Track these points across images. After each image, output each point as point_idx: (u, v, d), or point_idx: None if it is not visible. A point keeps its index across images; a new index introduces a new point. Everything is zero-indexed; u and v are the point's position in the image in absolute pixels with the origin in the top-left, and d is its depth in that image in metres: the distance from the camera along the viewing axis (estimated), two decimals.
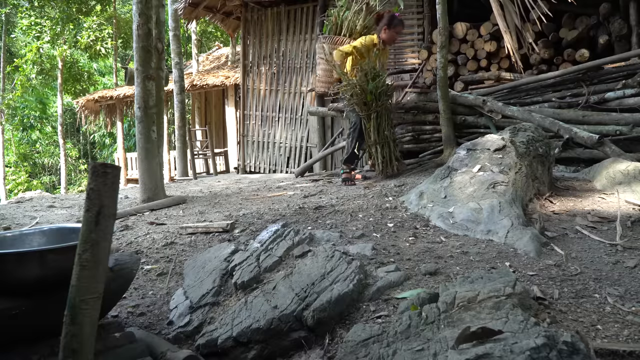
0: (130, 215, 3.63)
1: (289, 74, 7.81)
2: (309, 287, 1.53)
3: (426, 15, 6.72)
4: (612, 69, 4.86)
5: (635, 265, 1.66)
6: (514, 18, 4.62)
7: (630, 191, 2.61)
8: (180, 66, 8.96)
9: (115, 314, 1.81)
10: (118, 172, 1.12)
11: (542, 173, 2.78)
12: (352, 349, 1.25)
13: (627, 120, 4.14)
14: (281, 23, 7.85)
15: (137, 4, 4.13)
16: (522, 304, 1.25)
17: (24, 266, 1.30)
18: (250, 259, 1.85)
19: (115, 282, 1.50)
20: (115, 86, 13.82)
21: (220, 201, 3.96)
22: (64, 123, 15.34)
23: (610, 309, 1.35)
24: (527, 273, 1.64)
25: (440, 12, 4.87)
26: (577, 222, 2.25)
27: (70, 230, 1.62)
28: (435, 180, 2.70)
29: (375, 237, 2.14)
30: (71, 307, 1.06)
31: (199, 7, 8.30)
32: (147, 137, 4.11)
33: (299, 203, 3.24)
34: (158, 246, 2.62)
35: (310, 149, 7.54)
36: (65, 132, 16.27)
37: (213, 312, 1.68)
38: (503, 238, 2.02)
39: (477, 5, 6.34)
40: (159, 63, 4.57)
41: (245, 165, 8.30)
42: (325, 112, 6.17)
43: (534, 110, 4.52)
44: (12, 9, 15.33)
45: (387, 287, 1.54)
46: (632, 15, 5.68)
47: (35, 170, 18.79)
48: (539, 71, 6.07)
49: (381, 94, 4.22)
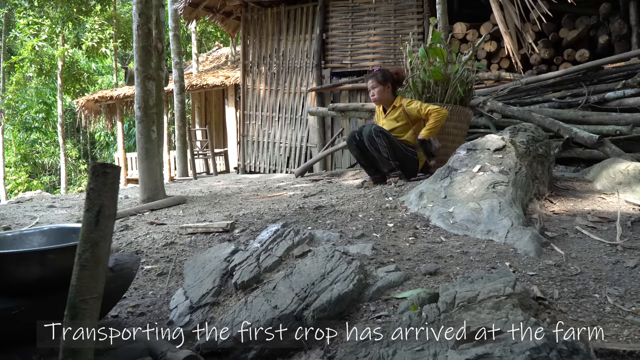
0: (130, 215, 3.63)
1: (288, 74, 7.81)
2: (309, 287, 1.53)
3: (426, 15, 6.72)
4: (612, 69, 4.87)
5: (635, 265, 1.66)
6: (514, 18, 4.62)
7: (630, 191, 2.62)
8: (180, 66, 8.96)
9: (115, 314, 1.81)
10: (118, 172, 1.12)
11: (542, 173, 2.78)
12: (352, 349, 1.25)
13: (627, 120, 4.14)
14: (281, 23, 7.85)
15: (137, 4, 4.13)
16: (522, 304, 1.25)
17: (24, 266, 1.30)
18: (250, 259, 1.85)
19: (115, 282, 1.50)
20: (115, 86, 13.83)
21: (220, 201, 3.96)
22: (64, 123, 15.34)
23: (610, 309, 1.35)
24: (527, 273, 1.64)
25: (440, 12, 4.87)
26: (577, 222, 2.25)
27: (70, 230, 1.62)
28: (435, 180, 2.70)
29: (375, 237, 2.14)
30: (71, 307, 1.06)
31: (199, 7, 8.30)
32: (147, 137, 4.11)
33: (299, 203, 3.24)
34: (158, 246, 2.62)
35: (310, 149, 7.54)
36: (65, 132, 16.27)
37: (213, 312, 1.68)
38: (503, 238, 2.02)
39: (477, 5, 6.35)
40: (159, 63, 4.58)
41: (245, 165, 8.30)
42: (325, 112, 6.18)
43: (534, 110, 4.52)
44: (11, 10, 15.32)
45: (387, 287, 1.54)
46: (632, 15, 5.69)
47: (35, 170, 18.79)
48: (539, 71, 6.07)
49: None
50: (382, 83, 3.86)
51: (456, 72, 4.01)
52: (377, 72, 3.94)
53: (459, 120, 4.03)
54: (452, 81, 4.02)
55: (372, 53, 7.21)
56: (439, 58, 4.06)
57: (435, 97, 4.10)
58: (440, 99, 4.07)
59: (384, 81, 3.86)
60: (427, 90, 4.16)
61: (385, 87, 3.87)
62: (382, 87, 3.87)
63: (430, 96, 4.14)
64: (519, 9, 4.62)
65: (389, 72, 3.95)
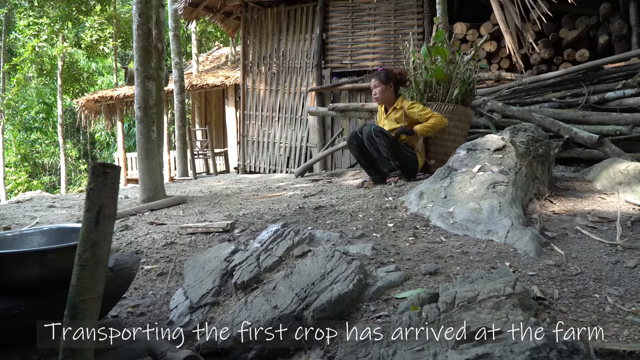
0: (130, 215, 3.63)
1: (288, 74, 7.81)
2: (309, 287, 1.53)
3: (426, 15, 6.72)
4: (612, 69, 4.86)
5: (635, 265, 1.66)
6: (514, 18, 4.63)
7: (630, 191, 2.62)
8: (180, 66, 8.95)
9: (115, 314, 1.81)
10: (118, 172, 1.12)
11: (542, 173, 2.78)
12: (352, 349, 1.25)
13: (627, 120, 4.14)
14: (281, 23, 7.85)
15: (137, 4, 4.13)
16: (522, 304, 1.25)
17: (24, 266, 1.30)
18: (250, 259, 1.85)
19: (115, 282, 1.50)
20: (115, 86, 13.83)
21: (220, 201, 3.96)
22: (64, 123, 15.34)
23: (610, 309, 1.35)
24: (527, 273, 1.64)
25: (440, 12, 4.87)
26: (577, 222, 2.25)
27: (70, 230, 1.62)
28: (435, 180, 2.70)
29: (375, 237, 2.14)
30: (71, 307, 1.06)
31: (199, 7, 8.30)
32: (147, 137, 4.11)
33: (299, 203, 3.24)
34: (158, 246, 2.62)
35: (310, 149, 7.54)
36: (65, 132, 16.27)
37: (213, 312, 1.68)
38: (503, 238, 2.02)
39: (477, 5, 6.35)
40: (159, 63, 4.58)
41: (245, 165, 8.30)
42: (325, 112, 6.17)
43: (534, 110, 4.52)
44: (11, 10, 15.33)
45: (387, 287, 1.54)
46: (632, 15, 5.69)
47: (35, 170, 18.78)
48: (539, 71, 6.07)
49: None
50: (385, 83, 3.86)
51: (458, 72, 4.01)
52: (380, 72, 3.93)
53: (459, 120, 4.03)
54: (454, 81, 4.02)
55: (372, 53, 7.21)
56: (441, 57, 4.05)
57: (437, 96, 4.10)
58: (441, 99, 4.07)
59: (386, 81, 3.86)
60: (429, 89, 4.16)
61: (387, 86, 3.86)
62: (385, 86, 3.86)
63: (432, 95, 4.13)
64: (519, 8, 4.63)
65: (392, 72, 3.94)
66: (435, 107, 3.95)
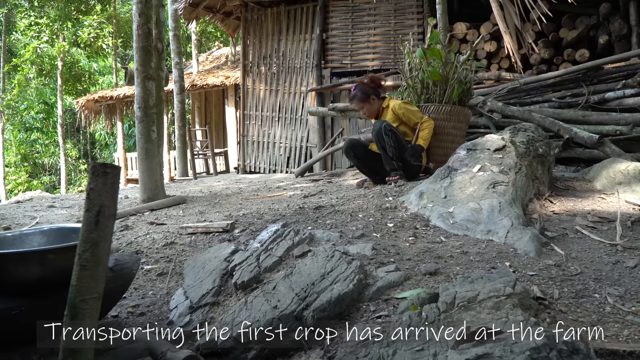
0: (130, 215, 3.63)
1: (288, 74, 7.81)
2: (309, 287, 1.53)
3: (426, 15, 6.72)
4: (612, 69, 4.86)
5: (635, 265, 1.66)
6: (514, 18, 4.63)
7: (630, 191, 2.61)
8: (180, 66, 8.95)
9: (115, 314, 1.81)
10: (118, 172, 1.12)
11: (542, 173, 2.78)
12: (352, 349, 1.25)
13: (627, 120, 4.14)
14: (281, 23, 7.85)
15: (137, 4, 4.13)
16: (522, 304, 1.25)
17: (24, 266, 1.30)
18: (250, 259, 1.85)
19: (115, 282, 1.50)
20: (115, 86, 13.82)
21: (220, 201, 3.96)
22: (64, 123, 15.34)
23: (610, 309, 1.35)
24: (527, 273, 1.64)
25: (440, 12, 4.87)
26: (577, 222, 2.25)
27: (70, 230, 1.62)
28: (435, 180, 2.70)
29: (375, 237, 2.14)
30: (71, 307, 1.06)
31: (199, 7, 8.31)
32: (147, 137, 4.11)
33: (299, 203, 3.24)
34: (158, 246, 2.62)
35: (310, 149, 7.54)
36: (65, 132, 16.27)
37: (213, 312, 1.68)
38: (503, 238, 2.02)
39: (477, 5, 6.35)
40: (159, 63, 4.58)
41: (245, 165, 8.30)
42: (325, 112, 6.18)
43: (534, 110, 4.52)
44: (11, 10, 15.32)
45: (387, 287, 1.54)
46: (632, 15, 5.69)
47: (35, 170, 18.78)
48: (539, 71, 6.07)
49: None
50: (365, 100, 3.85)
51: (454, 73, 4.01)
52: (355, 93, 3.90)
53: (458, 120, 4.03)
54: (451, 81, 4.02)
55: (372, 53, 7.21)
56: (437, 59, 4.06)
57: (434, 97, 4.10)
58: (438, 100, 4.08)
59: (365, 98, 3.85)
60: (426, 90, 4.17)
61: (370, 101, 3.86)
62: (368, 103, 3.86)
63: (429, 97, 4.14)
64: (519, 8, 4.63)
65: (365, 85, 3.91)
66: (432, 108, 3.95)
